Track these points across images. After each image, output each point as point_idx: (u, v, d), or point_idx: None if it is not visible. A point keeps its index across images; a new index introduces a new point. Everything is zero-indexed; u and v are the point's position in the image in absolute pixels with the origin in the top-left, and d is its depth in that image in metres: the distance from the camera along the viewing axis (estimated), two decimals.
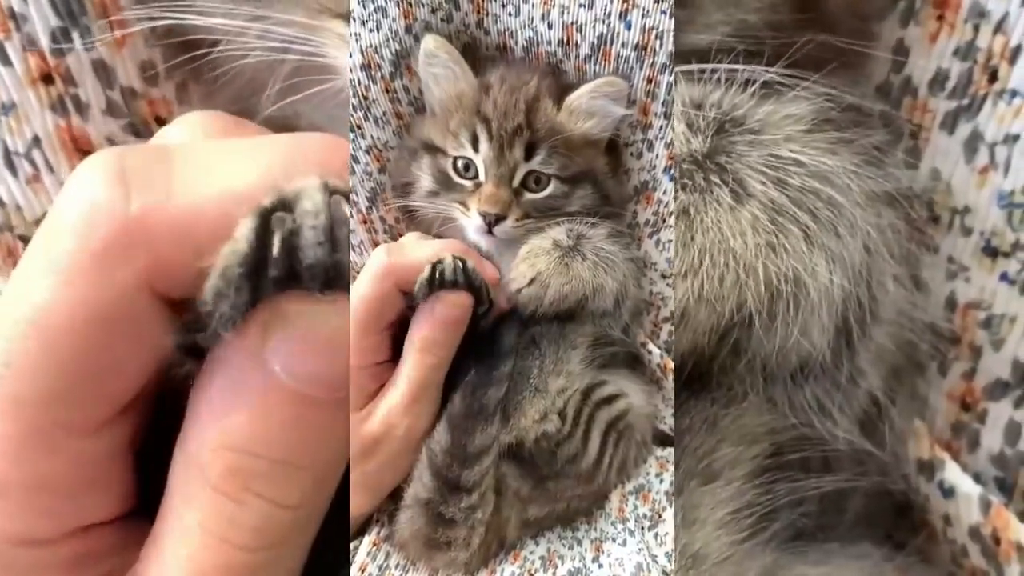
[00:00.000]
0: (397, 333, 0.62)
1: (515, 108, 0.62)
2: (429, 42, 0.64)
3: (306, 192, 0.38)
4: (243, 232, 0.38)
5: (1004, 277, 0.66)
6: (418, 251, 0.60)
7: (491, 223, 0.62)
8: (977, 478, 0.69)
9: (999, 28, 0.63)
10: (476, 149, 0.63)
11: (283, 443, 0.39)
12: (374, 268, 0.59)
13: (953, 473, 0.69)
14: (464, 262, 0.59)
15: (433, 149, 0.65)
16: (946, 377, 0.71)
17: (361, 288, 0.60)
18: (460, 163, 0.64)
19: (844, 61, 0.64)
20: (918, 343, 0.68)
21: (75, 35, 0.67)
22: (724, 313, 0.57)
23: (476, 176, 0.63)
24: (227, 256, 0.38)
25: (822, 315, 0.58)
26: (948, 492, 0.69)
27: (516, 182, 0.63)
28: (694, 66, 0.61)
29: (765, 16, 0.62)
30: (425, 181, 0.65)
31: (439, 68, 0.64)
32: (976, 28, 0.64)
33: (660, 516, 0.61)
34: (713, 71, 0.61)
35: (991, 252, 0.66)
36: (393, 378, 0.60)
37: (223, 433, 0.39)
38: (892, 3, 0.69)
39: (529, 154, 0.62)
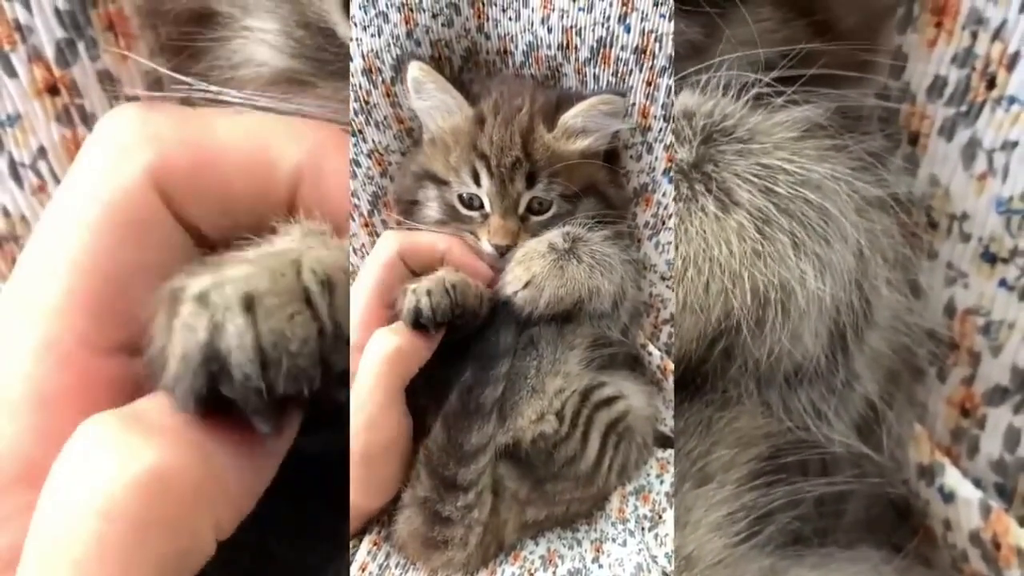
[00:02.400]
0: None
1: (511, 142, 0.63)
2: (415, 70, 0.64)
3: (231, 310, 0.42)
4: (191, 318, 0.42)
5: (1003, 283, 0.66)
6: (425, 234, 0.64)
7: (503, 252, 0.63)
8: (977, 483, 0.69)
9: (997, 35, 0.63)
10: (478, 184, 0.63)
11: None
12: (383, 238, 0.63)
13: (953, 478, 0.69)
14: (453, 293, 0.59)
15: (437, 180, 0.65)
16: (945, 383, 0.71)
17: (369, 258, 0.62)
18: (465, 196, 0.64)
19: (847, 68, 0.64)
20: (915, 348, 0.68)
21: (80, 47, 0.68)
22: (711, 320, 0.57)
23: (482, 207, 0.64)
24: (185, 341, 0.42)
25: (812, 321, 0.58)
26: (948, 497, 0.69)
27: (521, 209, 0.63)
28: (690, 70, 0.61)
29: (780, 46, 0.62)
30: (432, 211, 0.66)
31: (429, 100, 0.65)
32: (974, 35, 0.64)
33: (660, 517, 0.61)
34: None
35: (990, 258, 0.66)
36: None
37: None
38: (893, 11, 0.70)
39: (530, 183, 0.63)
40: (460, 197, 0.65)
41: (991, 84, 0.64)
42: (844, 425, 0.65)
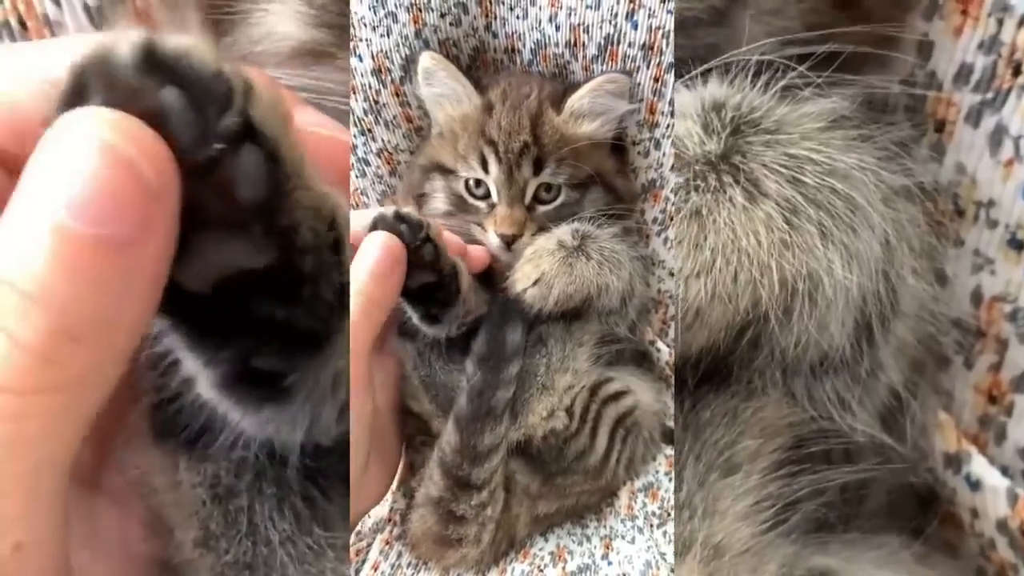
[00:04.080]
0: None
1: (519, 126, 0.63)
2: (426, 60, 0.65)
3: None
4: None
5: None
6: None
7: (509, 242, 0.63)
8: (1004, 471, 0.69)
9: (1023, 22, 0.63)
10: (486, 171, 0.64)
11: (29, 273, 0.35)
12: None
13: (980, 466, 0.69)
14: (425, 223, 0.57)
15: (445, 171, 0.66)
16: (972, 370, 0.71)
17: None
18: (472, 182, 0.65)
19: (873, 55, 0.64)
20: (940, 337, 0.68)
21: None
22: (739, 310, 0.57)
23: (489, 196, 0.64)
24: None
25: (839, 310, 0.58)
26: (975, 485, 0.69)
27: (528, 198, 0.64)
28: (717, 61, 0.61)
29: (806, 19, 0.62)
30: (440, 203, 0.66)
31: (439, 87, 0.65)
32: (1000, 22, 0.64)
33: (669, 514, 0.62)
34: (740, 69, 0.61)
35: (1016, 245, 0.66)
36: None
37: None
38: None
39: (538, 169, 0.63)
40: (467, 184, 0.65)
41: (1017, 71, 0.64)
42: (868, 414, 0.65)
